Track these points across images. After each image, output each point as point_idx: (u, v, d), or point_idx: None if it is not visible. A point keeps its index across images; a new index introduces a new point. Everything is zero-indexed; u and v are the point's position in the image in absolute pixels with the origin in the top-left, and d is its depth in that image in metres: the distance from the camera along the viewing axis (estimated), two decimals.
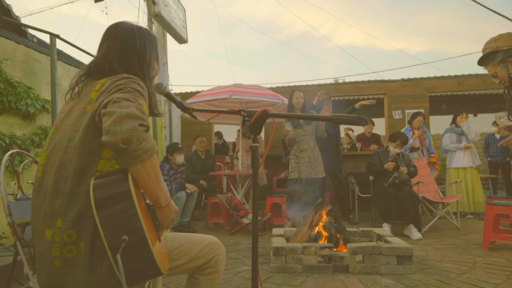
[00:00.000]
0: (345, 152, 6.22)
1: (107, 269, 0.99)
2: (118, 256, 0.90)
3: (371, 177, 4.57)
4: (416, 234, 3.82)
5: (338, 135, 5.12)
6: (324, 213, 3.09)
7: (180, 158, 4.40)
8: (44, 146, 1.14)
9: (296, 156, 4.35)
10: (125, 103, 0.98)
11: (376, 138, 6.48)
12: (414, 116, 5.21)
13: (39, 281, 1.06)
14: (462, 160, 5.19)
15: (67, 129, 1.09)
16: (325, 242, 2.89)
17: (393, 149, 4.36)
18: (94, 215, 0.93)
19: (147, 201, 1.12)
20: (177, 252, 1.23)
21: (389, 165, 4.22)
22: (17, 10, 9.29)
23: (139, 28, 1.25)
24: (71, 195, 1.02)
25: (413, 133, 5.15)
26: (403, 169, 4.18)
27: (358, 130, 7.40)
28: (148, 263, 0.96)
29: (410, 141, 5.12)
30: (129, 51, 1.20)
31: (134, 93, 1.04)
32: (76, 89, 1.16)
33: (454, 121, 5.45)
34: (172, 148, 4.42)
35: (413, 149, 5.14)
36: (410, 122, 5.30)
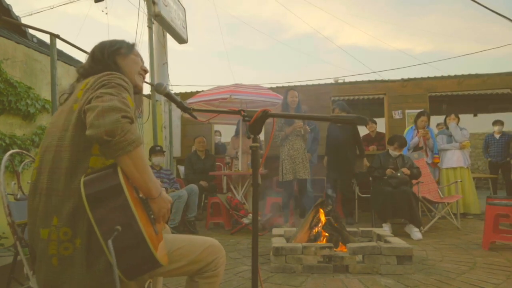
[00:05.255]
0: None
1: (104, 266, 0.99)
2: (109, 242, 0.89)
3: (371, 177, 4.57)
4: (416, 234, 3.81)
5: (348, 137, 4.99)
6: (324, 213, 3.09)
7: (156, 160, 4.51)
8: (38, 150, 1.16)
9: (289, 156, 4.36)
10: (108, 97, 1.01)
11: (380, 137, 6.45)
12: (418, 116, 5.18)
13: (38, 280, 1.07)
14: (452, 160, 5.14)
15: (57, 129, 1.11)
16: (325, 242, 2.90)
17: (392, 152, 4.37)
18: (87, 211, 0.93)
19: (140, 195, 1.12)
20: (177, 254, 1.22)
21: (389, 172, 4.23)
22: (20, 9, 9.35)
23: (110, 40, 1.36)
24: (64, 193, 1.03)
25: (418, 132, 5.14)
26: (404, 169, 4.18)
27: (363, 131, 7.27)
28: (145, 254, 0.96)
29: (415, 140, 5.12)
30: (97, 51, 1.30)
31: (117, 87, 1.06)
32: (66, 95, 1.22)
33: (444, 122, 5.43)
34: (150, 150, 4.60)
35: (416, 148, 5.13)
36: (415, 122, 5.29)
